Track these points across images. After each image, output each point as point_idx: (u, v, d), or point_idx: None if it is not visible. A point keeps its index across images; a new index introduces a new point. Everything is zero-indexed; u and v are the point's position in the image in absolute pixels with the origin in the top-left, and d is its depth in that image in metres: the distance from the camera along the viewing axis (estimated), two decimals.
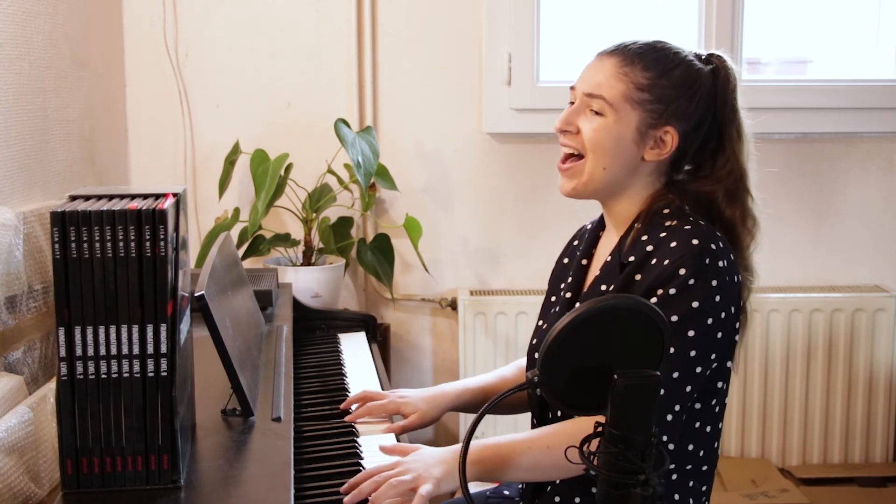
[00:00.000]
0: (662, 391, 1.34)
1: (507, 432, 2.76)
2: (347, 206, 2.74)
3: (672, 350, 1.35)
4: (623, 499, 0.91)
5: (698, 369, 1.38)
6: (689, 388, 1.38)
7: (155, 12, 2.72)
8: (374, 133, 2.60)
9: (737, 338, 1.45)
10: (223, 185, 2.62)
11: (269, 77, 2.77)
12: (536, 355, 1.58)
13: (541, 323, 1.66)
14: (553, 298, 1.67)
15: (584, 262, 1.60)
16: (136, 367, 1.12)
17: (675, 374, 1.36)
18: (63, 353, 1.10)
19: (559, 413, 1.52)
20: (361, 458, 1.47)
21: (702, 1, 2.79)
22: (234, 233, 2.58)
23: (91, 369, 1.11)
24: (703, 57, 1.51)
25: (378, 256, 2.66)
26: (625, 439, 0.91)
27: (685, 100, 1.46)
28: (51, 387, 1.39)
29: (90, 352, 1.11)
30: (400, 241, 2.72)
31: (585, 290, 1.54)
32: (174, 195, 1.18)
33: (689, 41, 2.82)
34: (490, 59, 2.77)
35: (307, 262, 2.62)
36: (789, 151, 2.87)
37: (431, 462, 1.35)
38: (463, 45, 2.79)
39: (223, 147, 2.67)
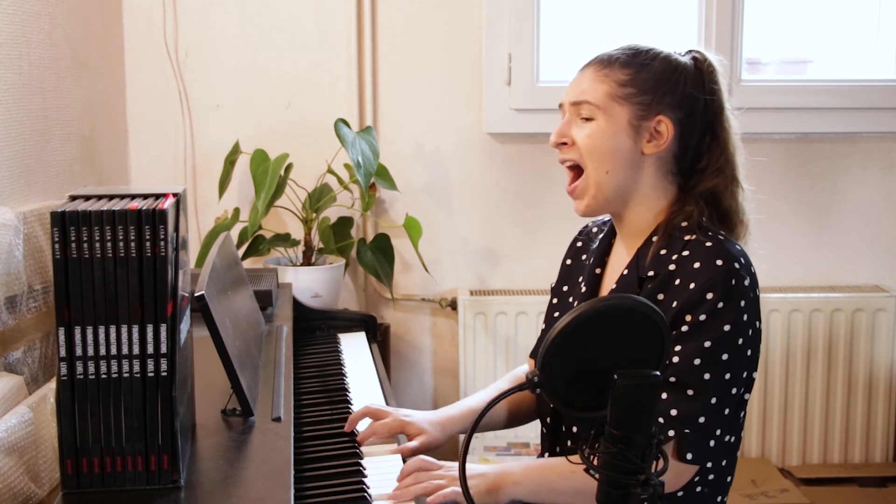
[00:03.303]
0: (703, 419, 1.35)
1: (507, 436, 2.77)
2: (347, 206, 2.74)
3: (708, 376, 1.35)
4: (623, 499, 0.91)
5: (734, 390, 1.38)
6: (727, 411, 1.38)
7: (155, 12, 2.72)
8: (374, 133, 2.60)
9: (760, 347, 1.45)
10: (223, 185, 2.62)
11: (269, 77, 2.77)
12: None
13: (547, 329, 1.65)
14: (556, 301, 1.66)
15: (598, 270, 1.59)
16: (136, 367, 1.12)
17: (714, 400, 1.36)
18: (63, 353, 1.10)
19: (573, 428, 1.51)
20: (361, 458, 1.47)
21: (702, 1, 2.79)
22: (234, 233, 2.58)
23: (91, 369, 1.11)
24: (682, 52, 1.53)
25: (378, 256, 2.66)
26: (625, 439, 0.91)
27: (670, 88, 1.47)
28: (51, 387, 1.39)
29: (90, 352, 1.11)
30: (400, 241, 2.72)
31: None
32: (174, 195, 1.18)
33: (690, 41, 2.82)
34: (490, 59, 2.77)
35: (307, 262, 2.62)
36: (789, 151, 2.87)
37: (473, 472, 1.39)
38: (463, 45, 2.79)
39: (223, 147, 2.67)
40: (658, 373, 0.92)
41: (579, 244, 1.70)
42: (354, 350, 2.15)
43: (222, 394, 1.43)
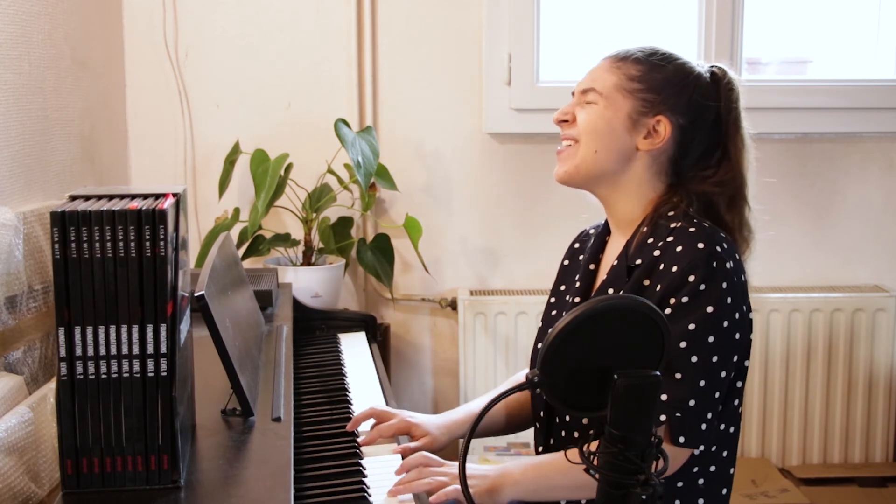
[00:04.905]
0: (693, 402, 1.35)
1: (507, 436, 2.77)
2: (347, 206, 2.74)
3: (695, 359, 1.36)
4: (623, 499, 0.91)
5: (723, 374, 1.39)
6: (717, 395, 1.39)
7: (155, 12, 2.72)
8: (374, 133, 2.60)
9: (751, 336, 1.46)
10: (223, 185, 2.62)
11: (269, 77, 2.77)
12: None
13: (544, 327, 1.66)
14: (553, 300, 1.68)
15: (592, 266, 1.61)
16: (136, 367, 1.12)
17: (702, 383, 1.36)
18: (63, 353, 1.10)
19: (566, 418, 1.52)
20: (361, 458, 1.47)
21: (702, 1, 2.79)
22: (234, 233, 2.58)
23: (91, 369, 1.11)
24: (703, 63, 1.55)
25: (378, 256, 2.66)
26: (625, 439, 0.91)
27: (676, 91, 1.50)
28: (51, 387, 1.39)
29: (90, 352, 1.11)
30: (400, 241, 2.72)
31: (593, 294, 1.56)
32: (174, 195, 1.18)
33: (690, 41, 2.82)
34: (490, 59, 2.76)
35: (307, 262, 2.62)
36: (789, 151, 2.87)
37: (474, 473, 1.40)
38: (463, 45, 2.79)
39: (223, 147, 2.67)
40: (658, 373, 0.92)
41: (577, 245, 1.72)
42: (354, 350, 2.15)
43: (222, 394, 1.43)
